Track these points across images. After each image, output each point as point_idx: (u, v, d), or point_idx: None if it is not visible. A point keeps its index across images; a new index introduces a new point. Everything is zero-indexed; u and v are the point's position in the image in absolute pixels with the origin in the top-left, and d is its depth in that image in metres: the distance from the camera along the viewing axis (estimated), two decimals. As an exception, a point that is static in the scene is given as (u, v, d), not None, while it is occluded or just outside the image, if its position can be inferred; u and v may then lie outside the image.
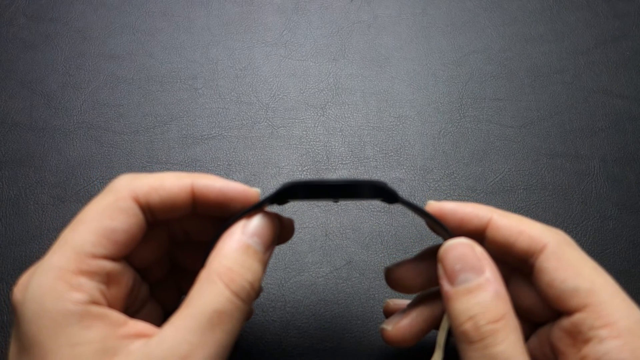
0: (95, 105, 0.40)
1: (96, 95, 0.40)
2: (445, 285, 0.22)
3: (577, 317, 0.22)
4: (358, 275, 0.34)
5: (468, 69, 0.43)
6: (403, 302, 0.29)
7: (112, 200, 0.22)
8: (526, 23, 0.45)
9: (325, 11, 0.45)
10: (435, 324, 0.27)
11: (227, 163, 0.38)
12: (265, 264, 0.23)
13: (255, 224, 0.23)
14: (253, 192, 0.24)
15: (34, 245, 0.34)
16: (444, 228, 0.24)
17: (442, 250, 0.23)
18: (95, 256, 0.21)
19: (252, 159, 0.38)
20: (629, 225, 0.37)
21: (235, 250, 0.22)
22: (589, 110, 0.41)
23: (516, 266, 0.24)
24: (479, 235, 0.24)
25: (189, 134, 0.39)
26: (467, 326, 0.21)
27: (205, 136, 0.39)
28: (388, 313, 0.30)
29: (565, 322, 0.22)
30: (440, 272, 0.23)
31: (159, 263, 0.27)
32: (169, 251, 0.27)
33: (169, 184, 0.23)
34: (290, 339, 0.32)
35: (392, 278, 0.27)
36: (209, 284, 0.21)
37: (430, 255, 0.26)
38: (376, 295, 0.33)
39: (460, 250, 0.22)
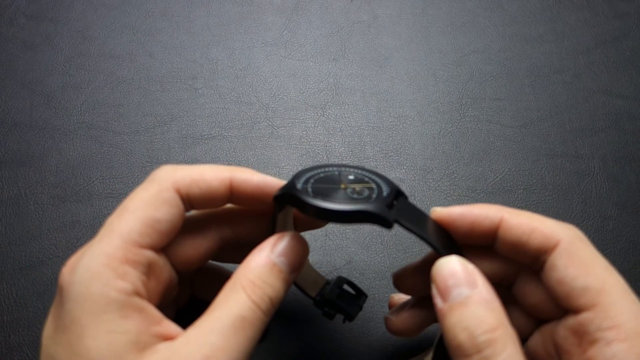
0: (95, 105, 0.40)
1: (96, 95, 0.40)
2: (439, 303, 0.22)
3: (584, 316, 0.21)
4: (358, 275, 0.34)
5: (468, 69, 0.43)
6: (407, 296, 0.29)
7: (156, 191, 0.23)
8: (526, 23, 0.45)
9: (325, 11, 0.45)
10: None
11: (227, 163, 0.38)
12: (288, 285, 0.23)
13: (284, 244, 0.23)
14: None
15: (34, 245, 0.34)
16: (435, 248, 0.24)
17: (434, 269, 0.23)
18: (141, 245, 0.22)
19: (252, 159, 0.38)
20: (629, 225, 0.37)
21: (260, 266, 0.23)
22: (589, 110, 0.41)
23: (528, 263, 0.24)
24: (491, 236, 0.24)
25: (189, 134, 0.39)
26: (462, 337, 0.20)
27: (205, 136, 0.39)
28: (392, 306, 0.30)
29: (572, 320, 0.22)
30: (434, 290, 0.23)
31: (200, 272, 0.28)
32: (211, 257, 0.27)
33: (209, 176, 0.24)
34: (290, 339, 0.32)
35: (401, 283, 0.27)
36: (234, 292, 0.22)
37: (423, 302, 0.27)
38: (376, 295, 0.33)
39: (451, 267, 0.22)
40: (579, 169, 0.39)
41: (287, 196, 0.23)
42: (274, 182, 0.25)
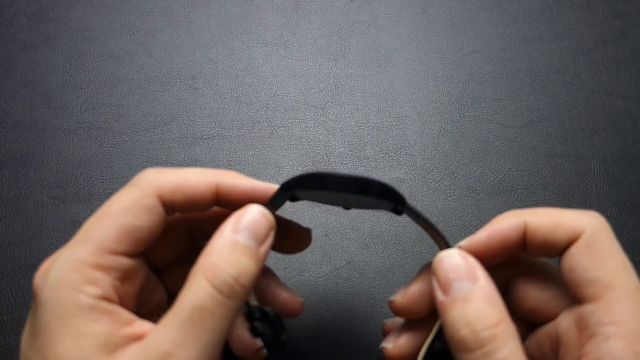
0: (95, 105, 0.40)
1: (96, 95, 0.40)
2: (440, 296, 0.22)
3: (587, 308, 0.21)
4: (358, 275, 0.34)
5: (468, 69, 0.43)
6: (400, 320, 0.29)
7: (138, 197, 0.23)
8: (526, 23, 0.45)
9: (325, 11, 0.45)
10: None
11: (227, 163, 0.38)
12: (258, 259, 0.22)
13: (246, 219, 0.22)
14: (276, 189, 0.24)
15: (34, 245, 0.34)
16: (445, 240, 0.24)
17: (435, 262, 0.23)
18: (116, 252, 0.22)
19: (252, 159, 0.38)
20: (629, 225, 0.37)
21: (222, 245, 0.22)
22: (589, 110, 0.41)
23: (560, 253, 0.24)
24: (521, 244, 0.23)
25: (189, 134, 0.39)
26: (464, 332, 0.20)
27: (205, 136, 0.39)
28: (387, 332, 0.29)
29: (576, 311, 0.22)
30: (434, 283, 0.22)
31: (181, 267, 0.27)
32: (188, 252, 0.27)
33: (195, 182, 0.24)
34: (290, 338, 0.32)
35: (398, 309, 0.26)
36: (194, 281, 0.21)
37: (428, 274, 0.26)
38: (376, 295, 0.33)
39: (453, 261, 0.22)
40: (579, 169, 0.39)
41: (305, 177, 0.22)
42: (262, 187, 0.24)
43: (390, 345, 0.26)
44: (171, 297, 0.27)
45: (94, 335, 0.20)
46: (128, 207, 0.22)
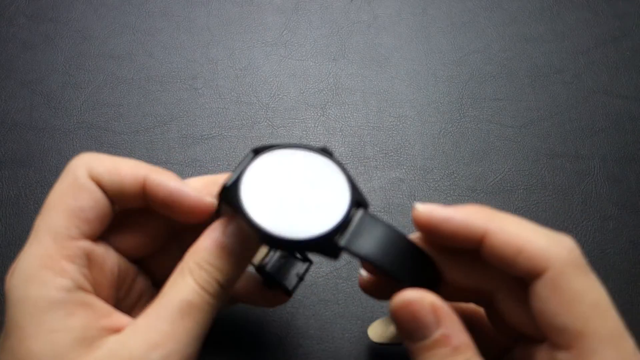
0: (95, 105, 0.40)
1: (96, 95, 0.40)
2: (404, 339, 0.21)
3: (560, 356, 0.20)
4: (358, 275, 0.34)
5: (468, 69, 0.43)
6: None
7: (72, 181, 0.22)
8: (526, 23, 0.45)
9: (325, 11, 0.45)
10: None
11: (227, 163, 0.38)
12: (242, 264, 0.22)
13: (237, 224, 0.22)
14: (207, 203, 0.23)
15: (34, 245, 0.34)
16: (396, 278, 0.21)
17: (392, 307, 0.21)
18: (72, 238, 0.21)
19: (252, 159, 0.38)
20: (629, 225, 0.37)
21: (207, 249, 0.22)
22: (589, 110, 0.41)
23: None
24: (475, 246, 0.21)
25: (189, 134, 0.39)
26: None
27: (205, 136, 0.39)
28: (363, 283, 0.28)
29: (549, 353, 0.21)
30: (397, 326, 0.21)
31: (164, 255, 0.26)
32: (171, 241, 0.26)
33: (124, 170, 0.23)
34: (290, 339, 0.32)
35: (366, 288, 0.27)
36: (181, 277, 0.21)
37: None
38: (376, 295, 0.33)
39: (411, 308, 0.20)
40: (579, 169, 0.39)
41: (225, 199, 0.22)
42: (189, 195, 0.23)
43: (367, 276, 0.26)
44: (156, 284, 0.26)
45: (69, 329, 0.20)
46: (65, 192, 0.22)
